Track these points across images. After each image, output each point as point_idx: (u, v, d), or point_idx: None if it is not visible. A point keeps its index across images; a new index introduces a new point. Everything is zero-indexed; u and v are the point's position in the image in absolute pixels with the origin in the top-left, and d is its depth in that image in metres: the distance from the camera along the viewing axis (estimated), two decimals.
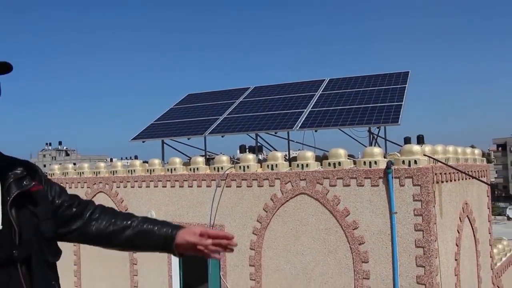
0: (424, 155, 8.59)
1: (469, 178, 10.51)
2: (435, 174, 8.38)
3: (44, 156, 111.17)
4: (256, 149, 12.36)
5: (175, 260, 11.55)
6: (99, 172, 13.32)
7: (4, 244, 1.79)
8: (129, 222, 2.19)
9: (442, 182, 8.75)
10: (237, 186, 10.32)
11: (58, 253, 2.02)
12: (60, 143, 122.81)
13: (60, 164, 15.22)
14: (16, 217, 1.84)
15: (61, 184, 2.31)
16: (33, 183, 1.95)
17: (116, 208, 8.55)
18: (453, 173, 9.37)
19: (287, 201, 9.57)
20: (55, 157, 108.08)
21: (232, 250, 2.19)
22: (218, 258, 2.20)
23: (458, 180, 9.73)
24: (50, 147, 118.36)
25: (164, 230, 2.16)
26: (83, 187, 13.34)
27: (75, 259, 13.46)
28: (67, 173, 14.13)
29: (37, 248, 1.88)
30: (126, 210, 12.25)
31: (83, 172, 13.65)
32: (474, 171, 11.04)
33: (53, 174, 14.46)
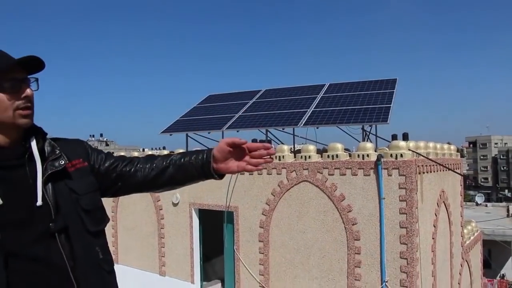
0: (409, 149, 8.60)
1: (446, 170, 10.52)
2: (418, 166, 8.39)
3: None
4: (266, 143, 12.38)
5: (196, 235, 11.62)
6: None
7: (43, 219, 1.80)
8: (168, 161, 2.14)
9: (424, 173, 8.76)
10: (249, 174, 10.35)
11: (101, 222, 2.00)
12: (101, 135, 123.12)
13: None
14: (52, 194, 1.85)
15: None
16: (67, 162, 1.94)
17: None
18: (433, 165, 9.38)
19: (292, 187, 9.60)
20: (97, 147, 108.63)
21: (272, 159, 2.05)
22: (260, 169, 2.03)
23: (437, 171, 9.74)
24: (93, 138, 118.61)
25: (200, 157, 2.07)
26: None
27: (112, 232, 13.55)
28: None
29: (76, 220, 1.88)
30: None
31: None
32: (450, 164, 11.04)
33: None
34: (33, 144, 1.90)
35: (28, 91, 1.83)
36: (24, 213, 1.79)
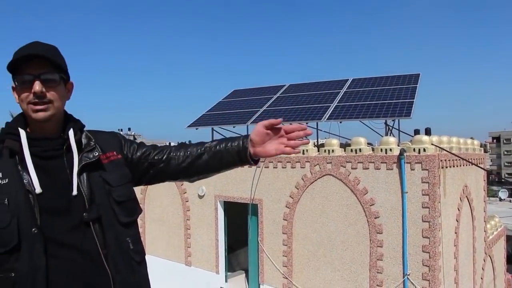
0: (432, 144, 8.52)
1: (469, 165, 10.37)
2: (441, 160, 8.29)
3: None
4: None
5: (221, 227, 11.68)
6: None
7: (78, 208, 1.86)
8: (202, 149, 2.15)
9: (446, 167, 8.66)
10: (274, 167, 10.37)
11: (133, 213, 2.05)
12: (129, 129, 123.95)
13: None
14: (87, 185, 1.89)
15: None
16: (101, 154, 1.98)
17: (174, 183, 8.68)
18: (456, 160, 9.26)
19: (315, 180, 9.58)
20: None
21: (308, 140, 2.05)
22: (297, 152, 2.02)
23: (460, 166, 9.61)
24: (121, 132, 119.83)
25: (236, 144, 2.08)
26: None
27: (140, 223, 13.71)
28: None
29: (108, 210, 1.92)
30: (181, 185, 12.43)
31: None
32: (473, 159, 10.88)
33: None
34: (71, 135, 1.95)
35: (35, 86, 1.85)
36: (61, 202, 1.85)
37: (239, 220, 11.67)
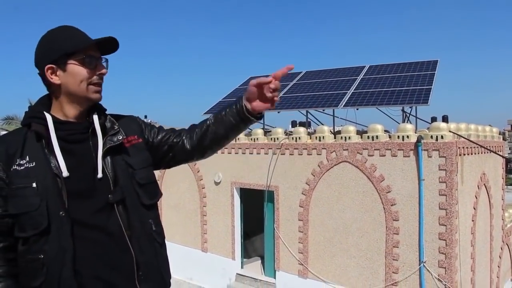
0: (450, 131, 8.44)
1: (487, 152, 10.26)
2: (458, 147, 8.22)
3: None
4: (306, 124, 12.34)
5: (237, 213, 11.74)
6: None
7: (102, 191, 1.90)
8: (207, 122, 2.19)
9: (464, 154, 8.58)
10: (290, 154, 10.36)
11: (155, 196, 2.09)
12: (145, 116, 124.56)
13: None
14: (111, 167, 1.94)
15: None
16: (125, 138, 2.03)
17: (190, 170, 8.86)
18: (474, 147, 9.16)
19: (332, 167, 9.56)
20: None
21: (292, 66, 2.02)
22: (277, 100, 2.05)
23: (478, 153, 9.51)
24: None
25: (234, 106, 2.10)
26: None
27: None
28: None
29: (132, 192, 1.97)
30: (198, 172, 12.49)
31: None
32: (492, 146, 10.75)
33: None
34: (96, 119, 1.99)
35: (104, 69, 1.96)
36: (87, 185, 1.90)
37: (255, 206, 11.71)
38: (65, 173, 1.84)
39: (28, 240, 1.81)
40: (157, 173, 10.97)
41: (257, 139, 11.21)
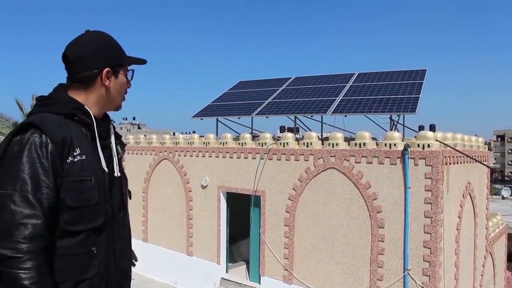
0: (436, 140, 8.50)
1: (473, 162, 10.36)
2: (445, 156, 8.29)
3: (121, 128, 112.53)
4: (294, 129, 12.39)
5: (223, 217, 11.72)
6: (164, 143, 13.53)
7: (118, 187, 2.08)
8: None
9: (450, 163, 8.66)
10: (277, 159, 10.38)
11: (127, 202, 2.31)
12: (134, 118, 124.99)
13: (133, 135, 15.51)
14: (119, 167, 2.10)
15: (134, 151, 2.65)
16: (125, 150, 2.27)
17: (177, 173, 8.94)
18: (460, 156, 9.25)
19: (319, 173, 9.59)
20: (129, 129, 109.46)
21: None
22: None
23: (464, 163, 9.60)
24: (125, 121, 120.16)
25: None
26: (151, 154, 13.59)
27: (143, 212, 13.77)
28: (139, 142, 14.41)
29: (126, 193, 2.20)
30: (185, 175, 12.46)
31: (151, 142, 13.89)
32: (477, 156, 10.86)
33: (128, 142, 14.74)
34: (111, 122, 2.19)
35: (130, 84, 2.15)
36: (112, 181, 2.03)
37: (242, 211, 11.70)
38: (106, 168, 1.94)
39: (79, 234, 1.81)
40: (143, 175, 10.94)
41: (245, 143, 11.21)
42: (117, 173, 2.04)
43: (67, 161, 1.78)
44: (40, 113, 1.86)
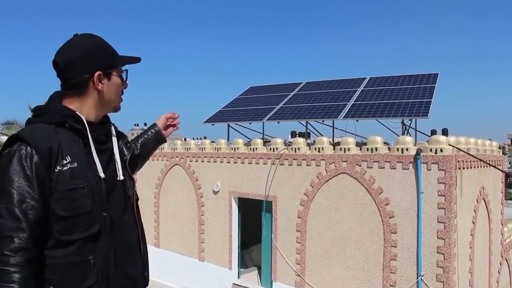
0: (449, 144, 8.43)
1: (487, 166, 10.25)
2: (458, 161, 8.21)
3: (133, 134, 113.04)
4: (305, 134, 12.35)
5: (235, 223, 11.70)
6: (176, 148, 13.56)
7: (121, 191, 2.04)
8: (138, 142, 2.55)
9: (464, 168, 8.57)
10: (289, 165, 10.35)
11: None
12: (145, 124, 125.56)
13: None
14: (124, 169, 2.09)
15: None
16: (129, 154, 2.24)
17: (189, 178, 9.04)
18: (473, 161, 9.15)
19: (330, 178, 9.54)
20: None
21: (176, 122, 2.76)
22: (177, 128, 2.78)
23: (477, 167, 9.50)
24: (137, 127, 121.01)
25: (152, 130, 2.63)
26: (162, 160, 13.62)
27: (155, 217, 13.79)
28: None
29: (134, 195, 2.15)
30: (196, 180, 12.46)
31: (163, 148, 13.91)
32: (491, 160, 10.74)
33: None
34: (112, 124, 2.16)
35: (126, 84, 2.14)
36: (113, 185, 2.00)
37: (253, 216, 11.67)
38: (102, 174, 1.90)
39: (73, 243, 1.78)
40: (155, 181, 10.96)
41: (256, 149, 11.20)
42: (120, 176, 2.01)
43: (55, 170, 1.76)
44: (32, 124, 1.88)
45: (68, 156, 1.80)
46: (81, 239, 1.79)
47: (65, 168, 1.78)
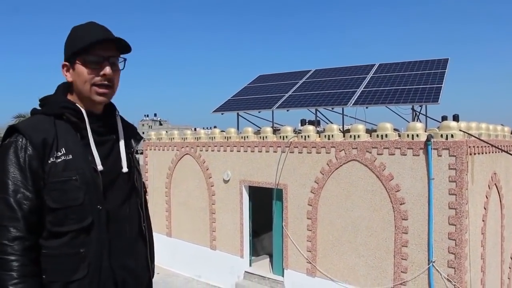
0: (460, 130, 8.36)
1: (499, 152, 10.16)
2: (469, 147, 8.14)
3: (143, 125, 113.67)
4: (315, 122, 12.32)
5: (246, 211, 11.73)
6: (186, 138, 13.58)
7: (124, 183, 2.02)
8: None
9: (475, 154, 8.50)
10: (299, 152, 10.33)
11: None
12: (155, 114, 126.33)
13: (155, 131, 15.59)
14: (128, 161, 2.04)
15: (156, 147, 2.57)
16: (137, 145, 2.19)
17: (200, 168, 8.97)
18: (485, 146, 9.07)
19: (341, 166, 9.52)
20: (151, 126, 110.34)
21: None
22: None
23: (489, 153, 9.41)
24: (147, 118, 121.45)
25: None
26: (173, 150, 13.66)
27: (166, 207, 13.87)
28: (160, 138, 14.48)
29: (141, 186, 2.13)
30: (207, 170, 12.49)
31: (173, 138, 13.95)
32: (503, 146, 10.64)
33: (150, 139, 14.85)
34: (118, 115, 2.11)
35: (107, 69, 1.88)
36: (114, 177, 1.97)
37: (264, 205, 11.70)
38: (100, 166, 1.87)
39: (65, 234, 1.79)
40: (166, 171, 11.01)
41: (266, 137, 11.19)
42: (124, 168, 1.99)
43: (49, 162, 1.78)
44: (32, 116, 1.91)
45: (63, 148, 1.80)
46: (73, 231, 1.79)
47: (59, 160, 1.79)
